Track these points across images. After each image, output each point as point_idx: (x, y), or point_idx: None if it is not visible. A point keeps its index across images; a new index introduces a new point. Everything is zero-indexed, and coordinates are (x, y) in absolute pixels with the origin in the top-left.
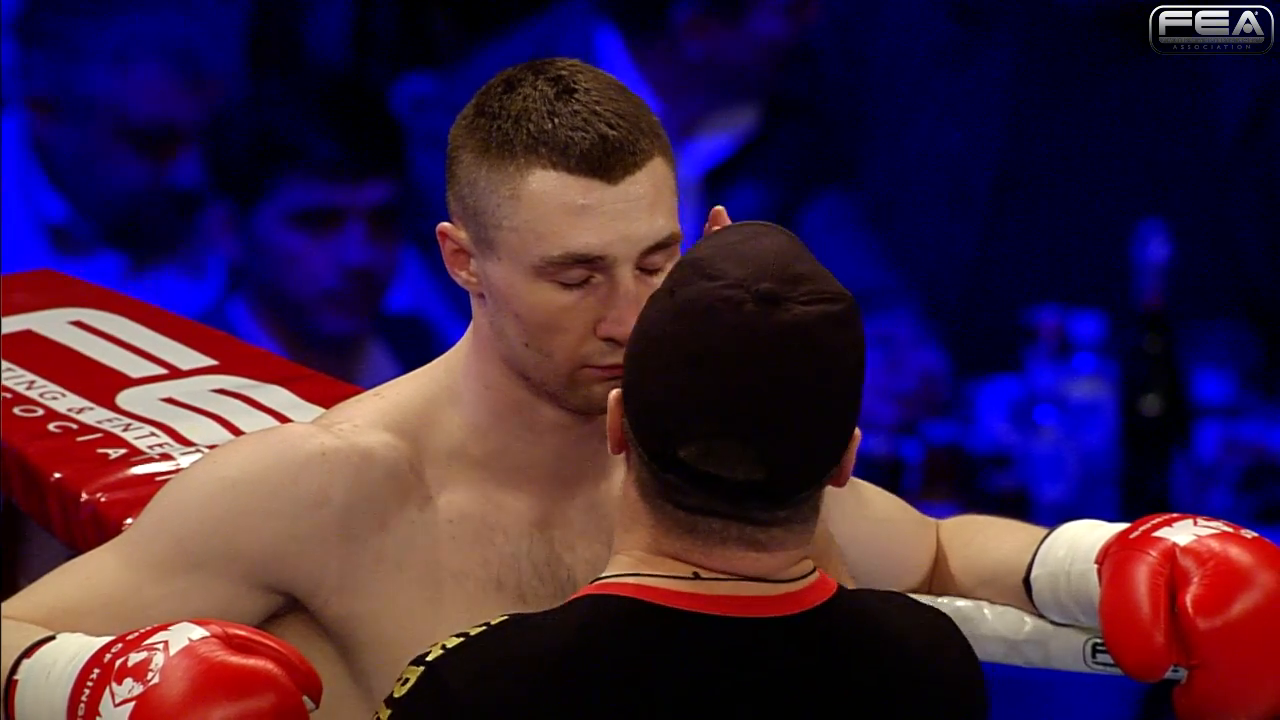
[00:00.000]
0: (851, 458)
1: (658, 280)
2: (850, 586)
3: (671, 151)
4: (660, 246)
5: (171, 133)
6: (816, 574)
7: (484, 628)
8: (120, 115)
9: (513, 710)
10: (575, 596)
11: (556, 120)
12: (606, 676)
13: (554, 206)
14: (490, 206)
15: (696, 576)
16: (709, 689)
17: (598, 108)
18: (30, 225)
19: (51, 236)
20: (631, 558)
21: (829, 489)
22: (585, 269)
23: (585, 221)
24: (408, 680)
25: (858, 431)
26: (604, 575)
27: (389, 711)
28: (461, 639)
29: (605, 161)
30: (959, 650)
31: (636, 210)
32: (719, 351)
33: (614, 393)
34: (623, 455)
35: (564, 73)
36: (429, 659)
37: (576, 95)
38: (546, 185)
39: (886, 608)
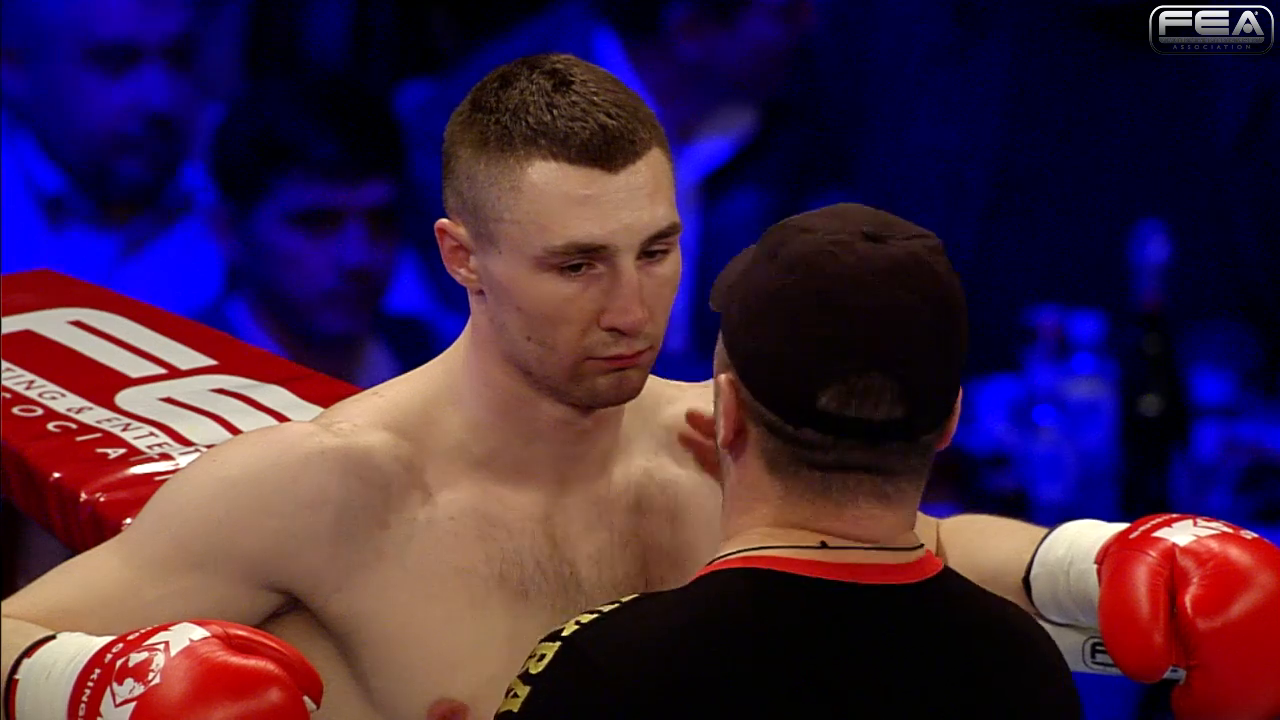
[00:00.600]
0: (958, 409)
1: (659, 269)
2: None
3: (668, 144)
4: (661, 235)
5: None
6: (925, 548)
7: (616, 604)
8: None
9: (654, 681)
10: (702, 573)
11: (555, 112)
12: (743, 646)
13: (555, 197)
14: (490, 200)
15: (824, 545)
16: (843, 654)
17: (595, 98)
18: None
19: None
20: (755, 534)
21: None
22: (588, 259)
23: (587, 211)
24: (544, 656)
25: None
26: (729, 552)
27: (528, 688)
28: (595, 614)
29: (605, 151)
30: (1046, 635)
31: (638, 199)
32: (844, 288)
33: (723, 376)
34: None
35: (559, 66)
36: (564, 634)
37: (574, 87)
38: (547, 176)
39: (981, 590)
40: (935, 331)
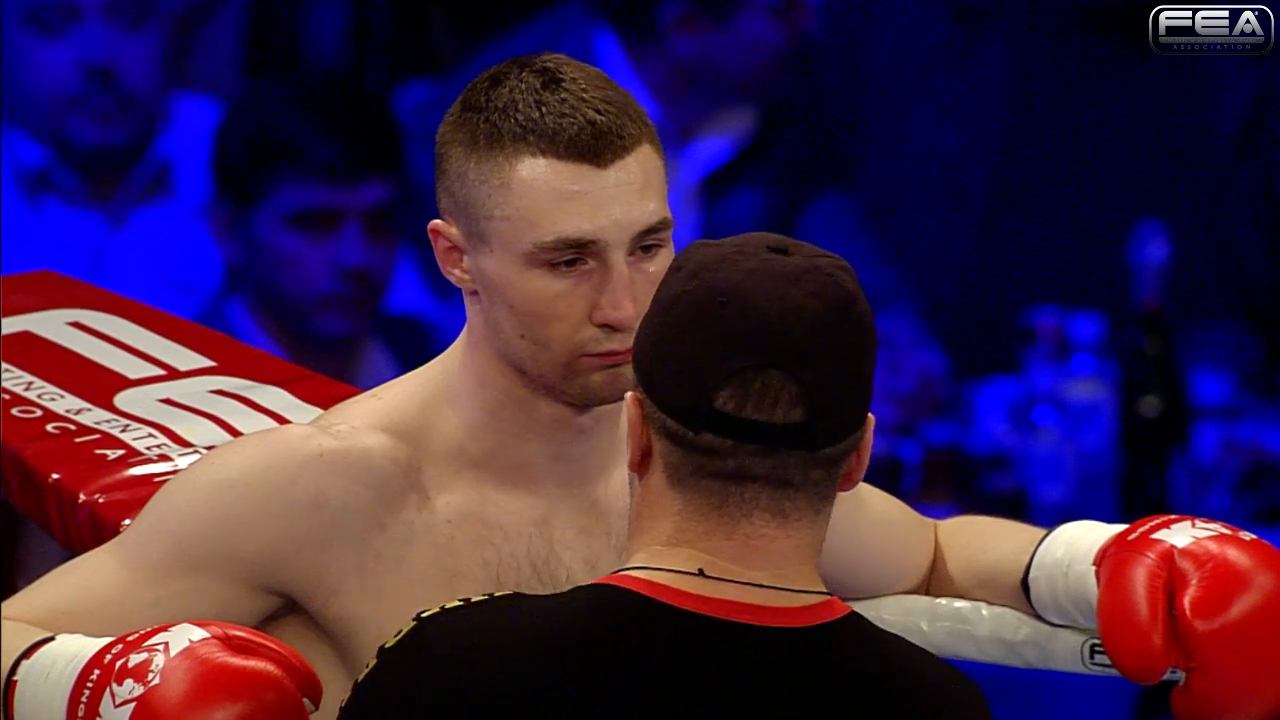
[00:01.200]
0: (869, 441)
1: (650, 265)
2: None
3: (659, 142)
4: (652, 230)
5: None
6: (830, 597)
7: (486, 597)
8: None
9: (479, 681)
10: (579, 585)
11: (544, 109)
12: (583, 665)
13: (544, 192)
14: (480, 198)
15: (701, 573)
16: (699, 691)
17: (585, 95)
18: None
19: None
20: (646, 552)
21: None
22: (578, 254)
23: (576, 206)
24: (400, 631)
25: (872, 416)
26: (617, 569)
27: (375, 660)
28: (461, 603)
29: (594, 146)
30: (972, 693)
31: (627, 194)
32: (744, 288)
33: (630, 394)
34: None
35: (550, 65)
36: (424, 614)
37: (563, 84)
38: (536, 172)
39: (899, 643)
40: (837, 336)
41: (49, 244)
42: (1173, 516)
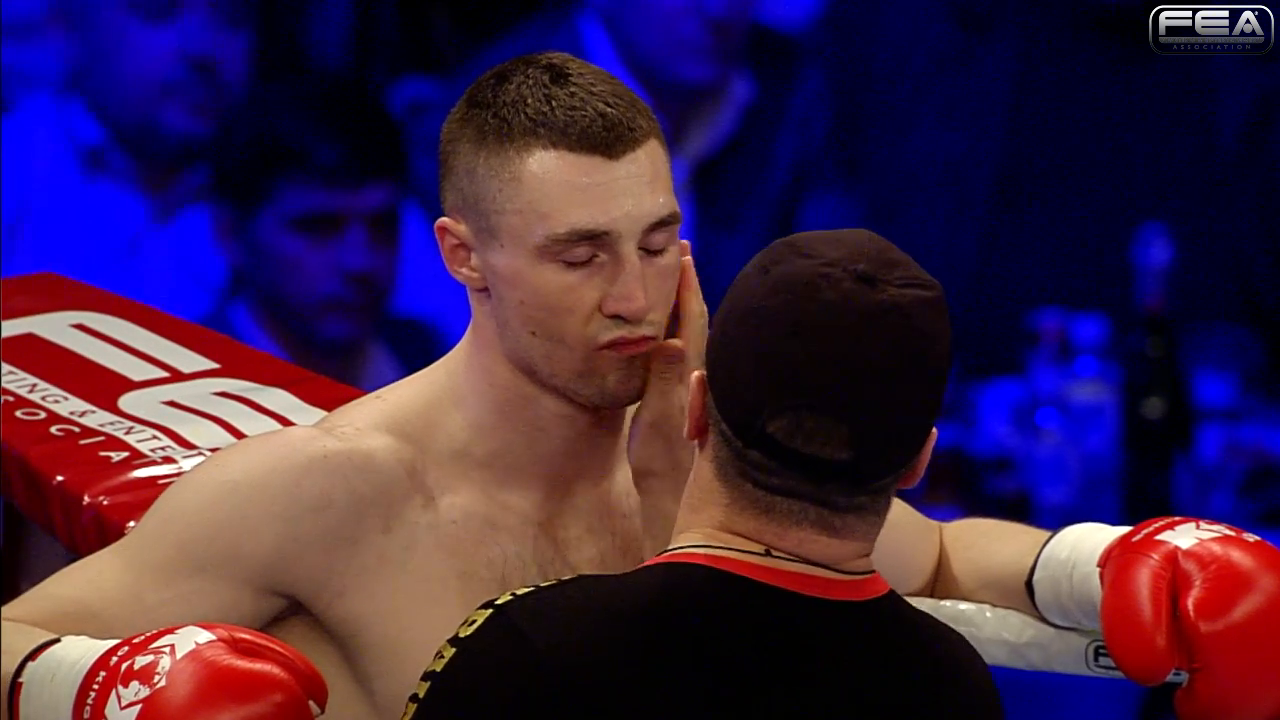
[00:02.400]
0: (927, 455)
1: (660, 259)
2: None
3: (664, 140)
4: (662, 224)
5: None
6: (875, 573)
7: (554, 582)
8: None
9: (578, 658)
10: (647, 564)
11: (554, 103)
12: (678, 636)
13: (556, 184)
14: (490, 193)
15: (768, 553)
16: (774, 658)
17: (594, 89)
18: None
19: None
20: (701, 533)
21: None
22: (590, 246)
23: (588, 198)
24: (474, 621)
25: (934, 430)
26: (676, 546)
27: (453, 650)
28: (531, 589)
29: (605, 138)
30: (983, 667)
31: (638, 186)
32: (817, 324)
33: (696, 374)
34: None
35: (556, 61)
36: (498, 602)
37: (571, 79)
38: (547, 165)
39: (931, 621)
40: (902, 388)
41: (90, 222)
42: (1177, 518)
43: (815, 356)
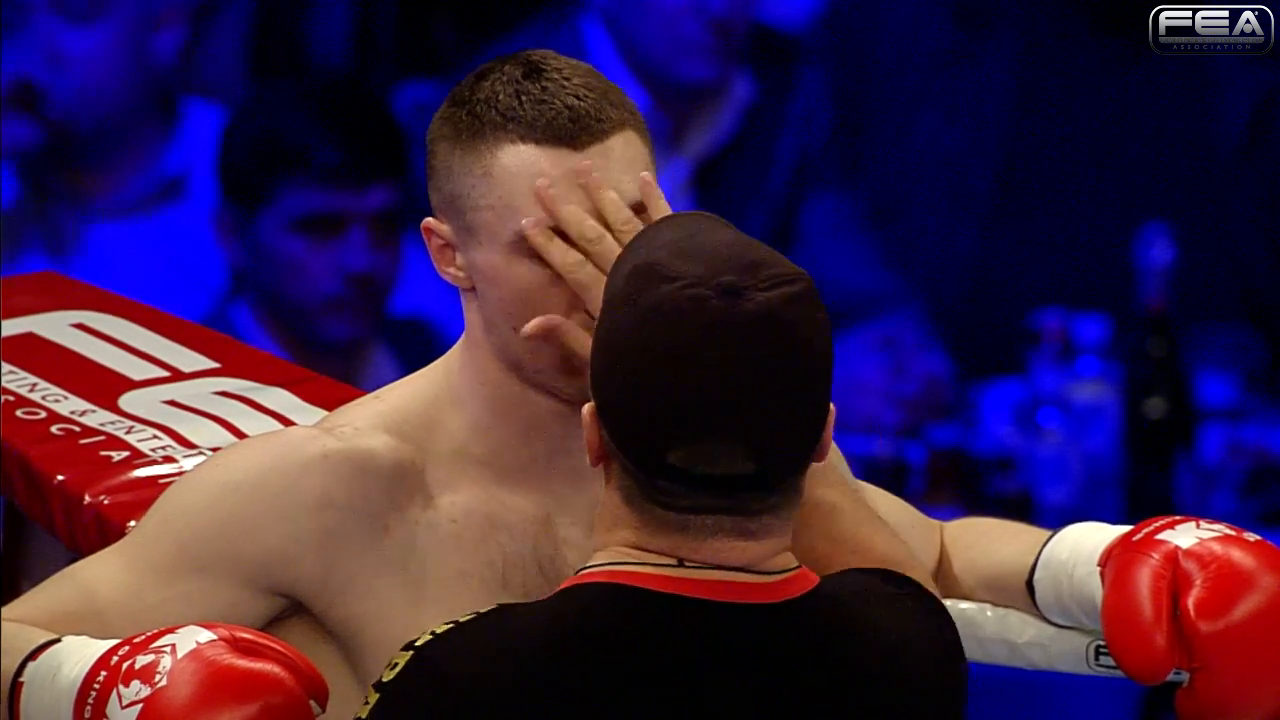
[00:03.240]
0: (830, 432)
1: None
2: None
3: (647, 133)
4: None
5: None
6: (799, 569)
7: (472, 615)
8: None
9: (502, 687)
10: (564, 585)
11: (524, 97)
12: (590, 656)
13: (523, 178)
14: (465, 189)
15: (681, 564)
16: (689, 670)
17: (566, 83)
18: None
19: None
20: (615, 552)
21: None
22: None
23: (557, 190)
24: (396, 665)
25: (832, 407)
26: (587, 566)
27: (377, 695)
28: (450, 625)
29: (570, 130)
30: (936, 645)
31: (605, 176)
32: (694, 351)
33: (587, 406)
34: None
35: (535, 58)
36: (417, 644)
37: (545, 74)
38: (517, 159)
39: (863, 604)
40: (788, 392)
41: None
42: (1177, 518)
43: (698, 383)
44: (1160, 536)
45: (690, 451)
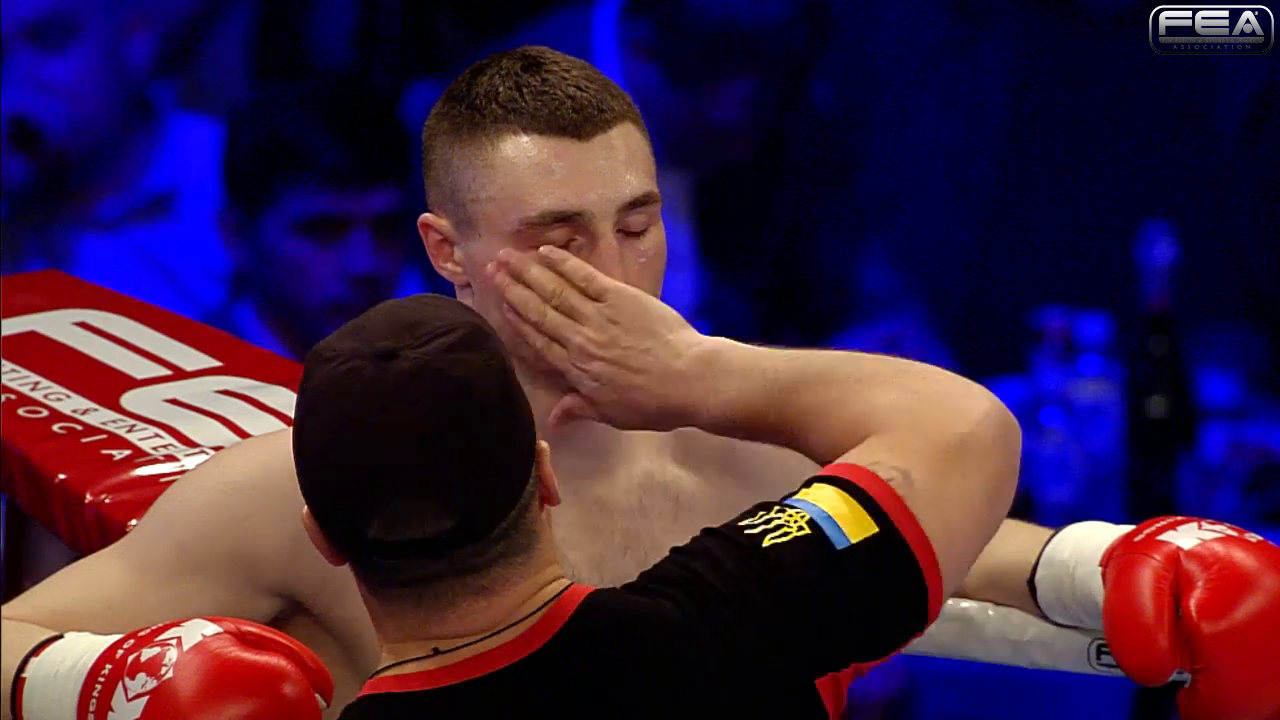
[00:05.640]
0: (548, 471)
1: (641, 243)
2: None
3: (644, 125)
4: (638, 204)
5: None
6: (558, 595)
7: None
8: None
9: None
10: (352, 701)
11: (524, 90)
12: None
13: (527, 168)
14: (465, 182)
15: (436, 651)
16: None
17: (566, 75)
18: None
19: None
20: (387, 649)
21: None
22: (566, 230)
23: (560, 179)
24: None
25: (544, 444)
26: (371, 674)
27: None
28: None
29: (574, 120)
30: (678, 648)
31: (611, 167)
32: (355, 422)
33: (304, 510)
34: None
35: (532, 52)
36: None
37: (544, 67)
38: (518, 150)
39: (618, 621)
40: (455, 438)
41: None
42: (1179, 518)
43: (367, 452)
44: (1162, 537)
45: (383, 521)
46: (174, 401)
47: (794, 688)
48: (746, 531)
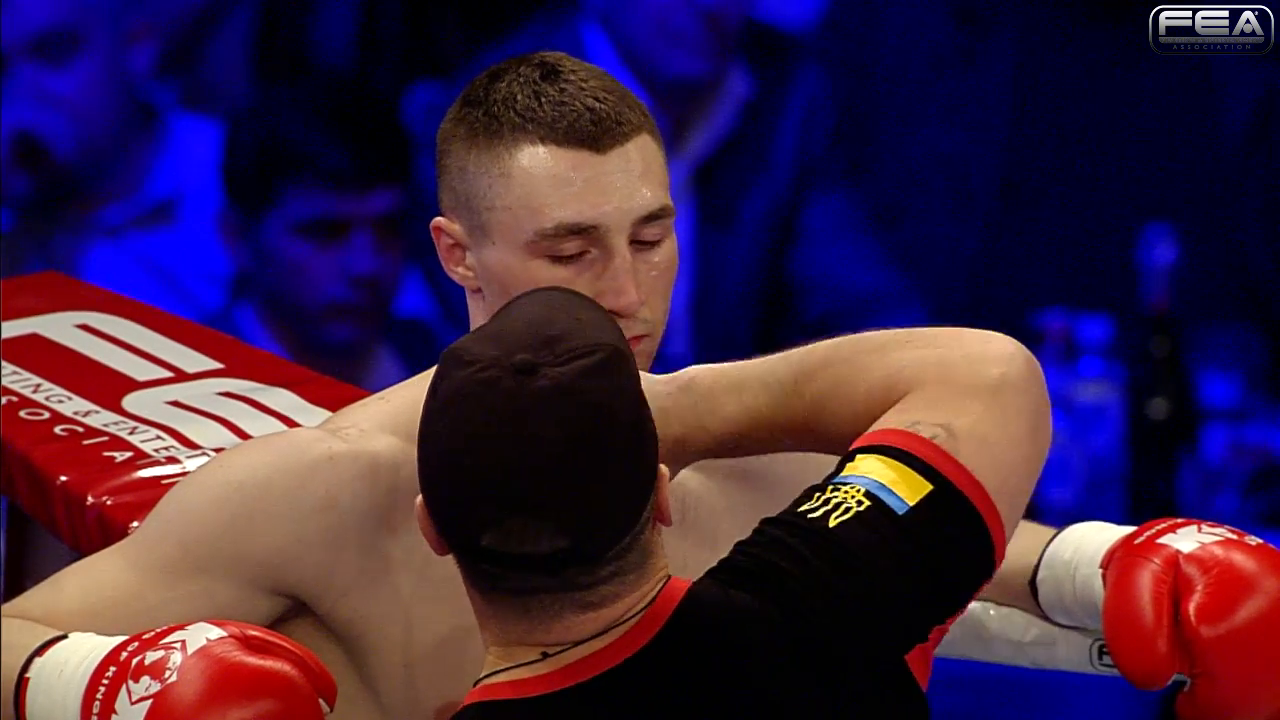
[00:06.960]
0: (664, 496)
1: (654, 255)
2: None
3: (659, 135)
4: (653, 218)
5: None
6: (657, 592)
7: None
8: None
9: None
10: (463, 707)
11: (543, 99)
12: None
13: (544, 179)
14: (481, 189)
15: (545, 656)
16: None
17: (584, 85)
18: None
19: None
20: (491, 655)
21: None
22: (580, 241)
23: (577, 191)
24: None
25: (663, 468)
26: (477, 678)
27: None
28: None
29: (592, 132)
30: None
31: (627, 180)
32: (486, 433)
33: (418, 499)
34: None
35: (549, 59)
36: None
37: (563, 76)
38: (535, 160)
39: (721, 610)
40: (588, 461)
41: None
42: (1179, 520)
43: (494, 464)
44: (1162, 540)
45: (499, 533)
46: (175, 403)
47: (889, 671)
48: (809, 516)
